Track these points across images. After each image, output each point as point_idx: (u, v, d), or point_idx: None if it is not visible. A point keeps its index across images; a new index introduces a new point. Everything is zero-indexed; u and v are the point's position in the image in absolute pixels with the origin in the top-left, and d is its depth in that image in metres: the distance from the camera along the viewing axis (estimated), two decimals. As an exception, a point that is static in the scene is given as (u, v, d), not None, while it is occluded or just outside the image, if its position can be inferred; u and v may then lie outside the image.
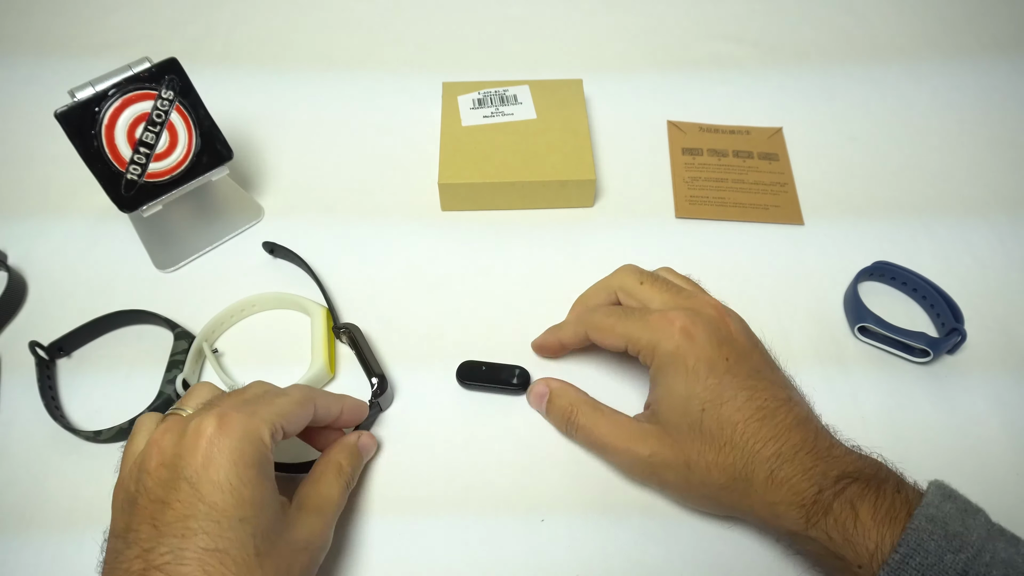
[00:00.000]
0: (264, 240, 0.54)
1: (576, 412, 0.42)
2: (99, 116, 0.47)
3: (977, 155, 0.61)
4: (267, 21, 0.71)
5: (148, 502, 0.32)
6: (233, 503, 0.32)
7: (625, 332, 0.41)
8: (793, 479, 0.36)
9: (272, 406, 0.36)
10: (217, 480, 0.32)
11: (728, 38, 0.70)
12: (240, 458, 0.33)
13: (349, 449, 0.41)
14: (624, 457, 0.40)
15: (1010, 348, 0.49)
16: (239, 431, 0.33)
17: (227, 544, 0.31)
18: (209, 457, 0.32)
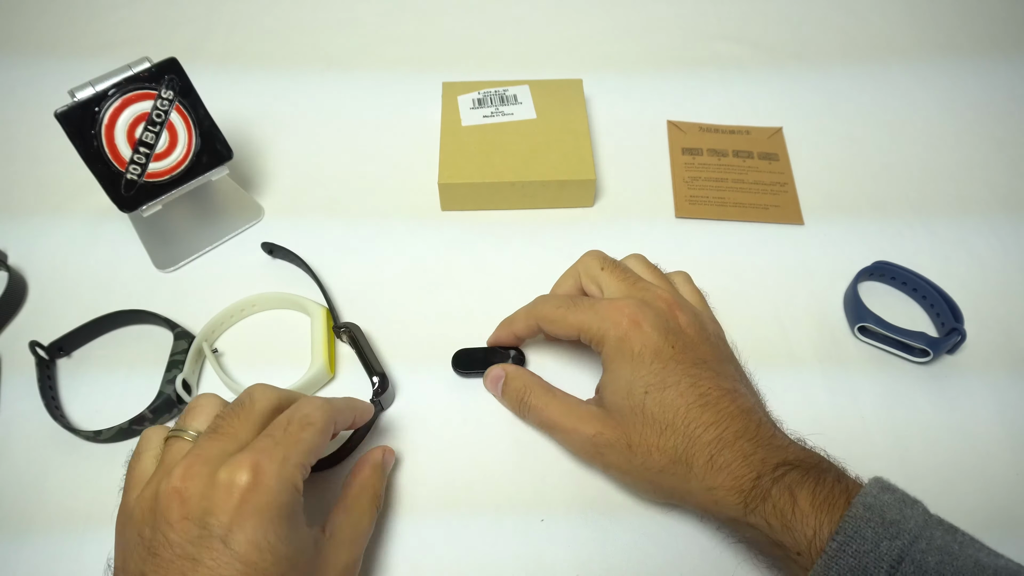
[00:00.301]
0: (264, 240, 0.54)
1: (529, 393, 0.43)
2: (99, 116, 0.47)
3: (977, 155, 0.61)
4: (267, 21, 0.71)
5: (175, 557, 0.30)
6: (271, 561, 0.31)
7: (576, 322, 0.42)
8: (732, 464, 0.36)
9: (300, 444, 0.34)
10: (254, 540, 0.30)
11: (728, 38, 0.70)
12: (277, 514, 0.31)
13: (378, 472, 0.41)
14: (571, 436, 0.41)
15: (1010, 348, 0.49)
16: (274, 485, 0.32)
17: None
18: (243, 515, 0.31)
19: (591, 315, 0.41)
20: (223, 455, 0.32)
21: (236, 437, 0.34)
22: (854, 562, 0.31)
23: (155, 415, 0.45)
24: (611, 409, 0.40)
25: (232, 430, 0.34)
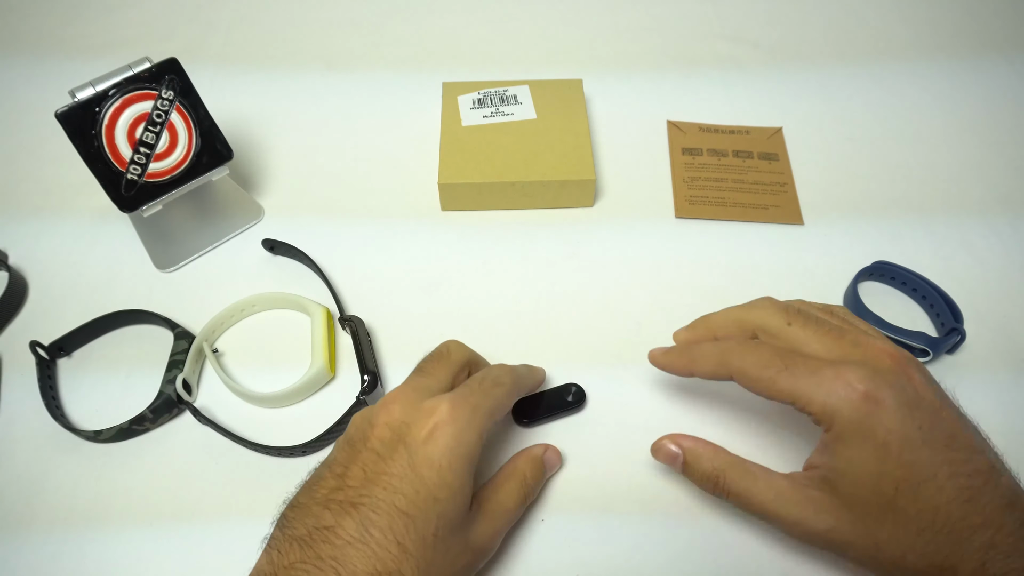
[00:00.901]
0: (264, 239, 0.54)
1: (724, 478, 0.38)
2: (99, 116, 0.47)
3: (977, 155, 0.61)
4: (267, 21, 0.71)
5: (367, 451, 0.35)
6: (436, 481, 0.34)
7: (790, 390, 0.35)
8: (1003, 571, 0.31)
9: (490, 399, 0.38)
10: (431, 457, 0.34)
11: (728, 38, 0.70)
12: (457, 446, 0.35)
13: (535, 462, 0.42)
14: (794, 529, 0.36)
15: (1010, 348, 0.49)
16: (464, 424, 0.35)
17: (417, 512, 0.33)
18: (432, 435, 0.35)
19: (812, 385, 0.34)
20: (427, 390, 0.38)
21: (438, 378, 0.39)
22: None
23: (155, 415, 0.45)
24: (848, 503, 0.34)
25: (434, 372, 0.40)
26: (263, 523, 0.42)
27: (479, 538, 0.37)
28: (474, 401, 0.37)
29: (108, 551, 0.42)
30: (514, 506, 0.39)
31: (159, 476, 0.44)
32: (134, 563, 0.41)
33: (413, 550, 0.33)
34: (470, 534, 0.36)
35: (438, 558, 0.34)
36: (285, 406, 0.47)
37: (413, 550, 0.33)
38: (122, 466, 0.45)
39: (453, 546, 0.35)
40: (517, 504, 0.40)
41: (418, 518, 0.33)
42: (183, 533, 0.42)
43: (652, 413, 0.46)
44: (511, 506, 0.39)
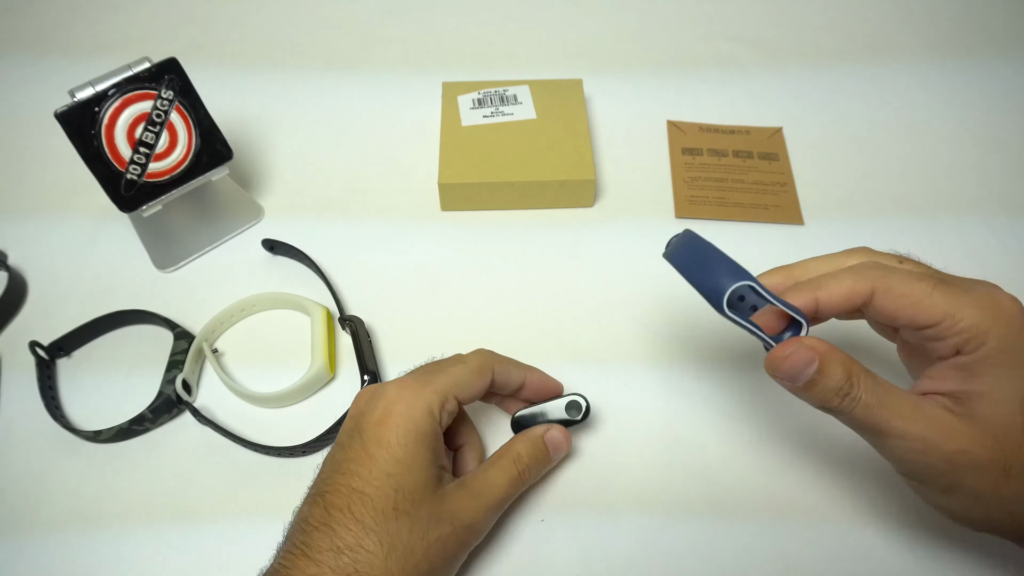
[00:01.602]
0: (263, 239, 0.54)
1: (860, 385, 0.33)
2: (99, 116, 0.47)
3: (977, 155, 0.61)
4: (267, 21, 0.71)
5: (336, 445, 0.38)
6: (386, 458, 0.35)
7: (947, 306, 0.32)
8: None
9: (446, 375, 0.38)
10: (380, 437, 0.36)
11: (728, 38, 0.70)
12: (404, 423, 0.36)
13: (532, 440, 0.41)
14: (916, 446, 0.32)
15: (1010, 348, 0.49)
16: (410, 399, 0.37)
17: (372, 490, 0.35)
18: (381, 418, 0.37)
19: (969, 302, 0.32)
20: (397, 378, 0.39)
21: (429, 371, 0.39)
22: None
23: (155, 415, 0.45)
24: (987, 423, 0.32)
25: (430, 368, 0.40)
26: (263, 523, 0.42)
27: (461, 513, 0.37)
28: (425, 379, 0.38)
29: (108, 551, 0.42)
30: (504, 483, 0.39)
31: (159, 476, 0.44)
32: (134, 563, 0.41)
33: (373, 525, 0.34)
34: (445, 507, 0.36)
35: (403, 530, 0.34)
36: (285, 406, 0.47)
37: (373, 525, 0.34)
38: (122, 466, 0.45)
39: (421, 517, 0.35)
40: (507, 481, 0.39)
41: (374, 495, 0.35)
42: (183, 533, 0.42)
43: (654, 412, 0.46)
44: (500, 482, 0.39)
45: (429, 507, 0.36)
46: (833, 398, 0.33)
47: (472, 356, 0.41)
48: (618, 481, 0.44)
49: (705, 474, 0.44)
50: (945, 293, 0.33)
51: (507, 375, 0.41)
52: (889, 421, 0.32)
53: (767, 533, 0.42)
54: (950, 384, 0.33)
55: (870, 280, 0.34)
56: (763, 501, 0.43)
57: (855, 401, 0.33)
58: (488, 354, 0.42)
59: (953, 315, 0.32)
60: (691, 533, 0.42)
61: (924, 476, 0.34)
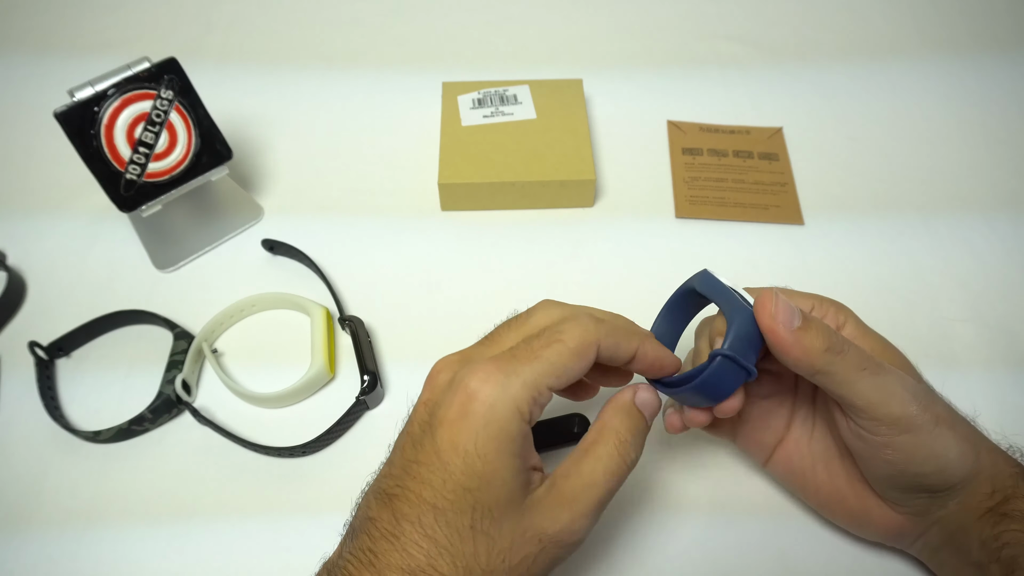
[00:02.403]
0: (263, 239, 0.54)
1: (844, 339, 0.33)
2: (98, 116, 0.46)
3: (977, 153, 0.61)
4: (266, 20, 0.71)
5: (406, 435, 0.33)
6: (462, 469, 0.30)
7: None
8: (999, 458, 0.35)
9: (537, 361, 0.31)
10: (456, 442, 0.30)
11: (728, 38, 0.69)
12: (483, 428, 0.30)
13: (625, 410, 0.34)
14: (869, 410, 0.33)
15: (1011, 347, 0.49)
16: (492, 398, 0.30)
17: (446, 505, 0.30)
18: (458, 417, 0.31)
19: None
20: (481, 359, 0.32)
21: (501, 346, 0.33)
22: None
23: (155, 415, 0.45)
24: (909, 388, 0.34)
25: (500, 339, 0.34)
26: (263, 523, 0.42)
27: (551, 525, 0.31)
28: (512, 367, 0.31)
29: (107, 552, 0.41)
30: (604, 477, 0.32)
31: (158, 477, 0.44)
32: (134, 563, 0.41)
33: (447, 544, 0.30)
34: (533, 522, 0.31)
35: (481, 552, 0.30)
36: (285, 406, 0.47)
37: (447, 544, 0.30)
38: (121, 467, 0.45)
39: (502, 538, 0.30)
40: (609, 473, 0.32)
41: (448, 510, 0.30)
42: (183, 533, 0.42)
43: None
44: (599, 478, 0.32)
45: (512, 524, 0.31)
46: (815, 359, 0.33)
47: (572, 328, 0.32)
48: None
49: (705, 472, 0.44)
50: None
51: (615, 348, 0.33)
52: (855, 384, 0.33)
53: (770, 531, 0.42)
54: None
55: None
56: (764, 500, 0.43)
57: (840, 351, 0.33)
58: (591, 324, 0.33)
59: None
60: (693, 530, 0.42)
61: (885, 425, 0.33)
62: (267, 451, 0.44)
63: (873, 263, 0.54)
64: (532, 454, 0.32)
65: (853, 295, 0.52)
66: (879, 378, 0.33)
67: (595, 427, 0.34)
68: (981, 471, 0.34)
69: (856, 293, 0.52)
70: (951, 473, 0.34)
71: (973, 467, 0.34)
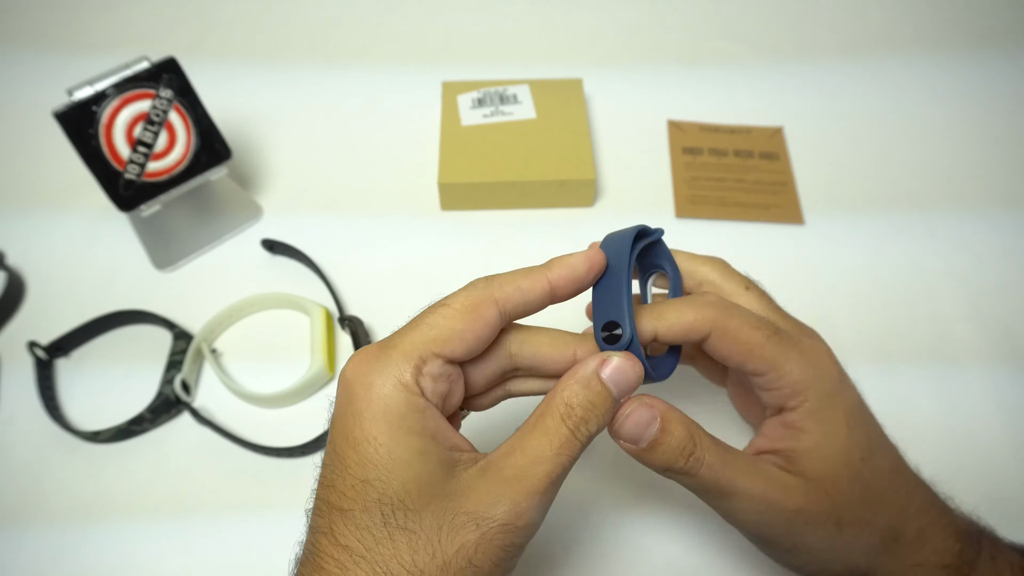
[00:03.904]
0: (263, 239, 0.54)
1: (700, 447, 0.31)
2: (97, 116, 0.46)
3: (977, 151, 0.61)
4: (266, 20, 0.71)
5: None
6: (357, 460, 0.27)
7: (775, 358, 0.32)
8: (938, 537, 0.32)
9: (419, 329, 0.29)
10: (347, 433, 0.28)
11: (729, 37, 0.69)
12: (367, 409, 0.27)
13: (583, 381, 0.29)
14: (758, 507, 0.31)
15: (1011, 346, 0.49)
16: (368, 379, 0.28)
17: (351, 504, 0.27)
18: (344, 408, 0.28)
19: (794, 356, 0.32)
20: None
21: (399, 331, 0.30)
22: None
23: (154, 416, 0.45)
24: (818, 480, 0.31)
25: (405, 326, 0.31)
26: (262, 523, 0.42)
27: (490, 508, 0.27)
28: (390, 343, 0.29)
29: (107, 552, 0.41)
30: (550, 451, 0.28)
31: (158, 477, 0.44)
32: (133, 563, 0.41)
33: (363, 551, 0.26)
34: (465, 506, 0.27)
35: (403, 551, 0.26)
36: (284, 406, 0.47)
37: (363, 551, 0.26)
38: (121, 467, 0.45)
39: (425, 530, 0.27)
40: (554, 448, 0.28)
41: (355, 511, 0.27)
42: (182, 533, 0.42)
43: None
44: (544, 452, 0.28)
45: (436, 513, 0.27)
46: (678, 458, 0.30)
47: (458, 293, 0.30)
48: (617, 480, 0.44)
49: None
50: (776, 344, 0.32)
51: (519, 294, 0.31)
52: (734, 481, 0.31)
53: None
54: (780, 442, 0.33)
55: (709, 321, 0.32)
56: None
57: (699, 461, 0.30)
58: (481, 283, 0.30)
59: (779, 368, 0.32)
60: (694, 530, 0.42)
61: (768, 536, 0.33)
62: (267, 451, 0.44)
63: (873, 262, 0.54)
64: (448, 433, 0.29)
65: (853, 294, 0.52)
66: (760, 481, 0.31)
67: (546, 398, 0.30)
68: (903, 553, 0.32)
69: (856, 292, 0.52)
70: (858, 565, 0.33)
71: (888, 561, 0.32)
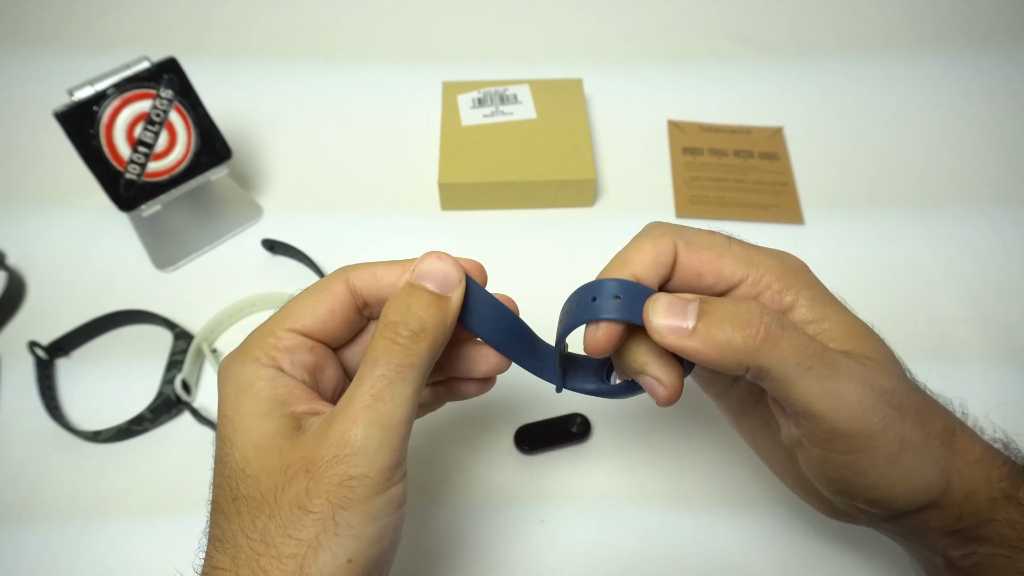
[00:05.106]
0: (263, 239, 0.54)
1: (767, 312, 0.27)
2: (98, 115, 0.46)
3: (977, 150, 0.61)
4: (266, 20, 0.71)
5: None
6: (218, 445, 0.27)
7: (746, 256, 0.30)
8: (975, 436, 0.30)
9: (274, 315, 0.29)
10: (217, 425, 0.28)
11: (729, 37, 0.69)
12: (223, 389, 0.28)
13: (396, 294, 0.28)
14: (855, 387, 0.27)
15: (1011, 345, 0.49)
16: (229, 363, 0.28)
17: (215, 494, 0.27)
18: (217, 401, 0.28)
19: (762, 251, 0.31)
20: None
21: None
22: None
23: (154, 415, 0.45)
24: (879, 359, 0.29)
25: None
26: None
27: (319, 447, 0.25)
28: (249, 337, 0.29)
29: (107, 551, 0.41)
30: (369, 369, 0.26)
31: (158, 477, 0.44)
32: (134, 563, 0.41)
33: (220, 534, 0.25)
34: (300, 455, 0.25)
35: (247, 519, 0.25)
36: (285, 406, 0.47)
37: (220, 534, 0.25)
38: (121, 467, 0.45)
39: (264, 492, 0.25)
40: (373, 363, 0.26)
41: (218, 498, 0.26)
42: (182, 533, 0.42)
43: (655, 409, 0.46)
44: (365, 372, 0.26)
45: (272, 471, 0.25)
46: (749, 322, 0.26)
47: (317, 284, 0.30)
48: (617, 481, 0.44)
49: (707, 469, 0.44)
50: (740, 244, 0.30)
51: (374, 279, 0.29)
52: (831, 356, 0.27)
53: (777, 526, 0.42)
54: None
55: (669, 237, 0.29)
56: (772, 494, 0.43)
57: (780, 324, 0.27)
58: (340, 268, 0.30)
59: (757, 265, 0.29)
60: (695, 530, 0.42)
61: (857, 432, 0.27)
62: (267, 451, 0.44)
63: (873, 262, 0.54)
64: (302, 399, 0.27)
65: (853, 294, 0.52)
66: (830, 382, 0.26)
67: None
68: (948, 499, 0.29)
69: (856, 292, 0.52)
70: (905, 502, 0.29)
71: (936, 497, 0.29)
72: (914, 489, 0.28)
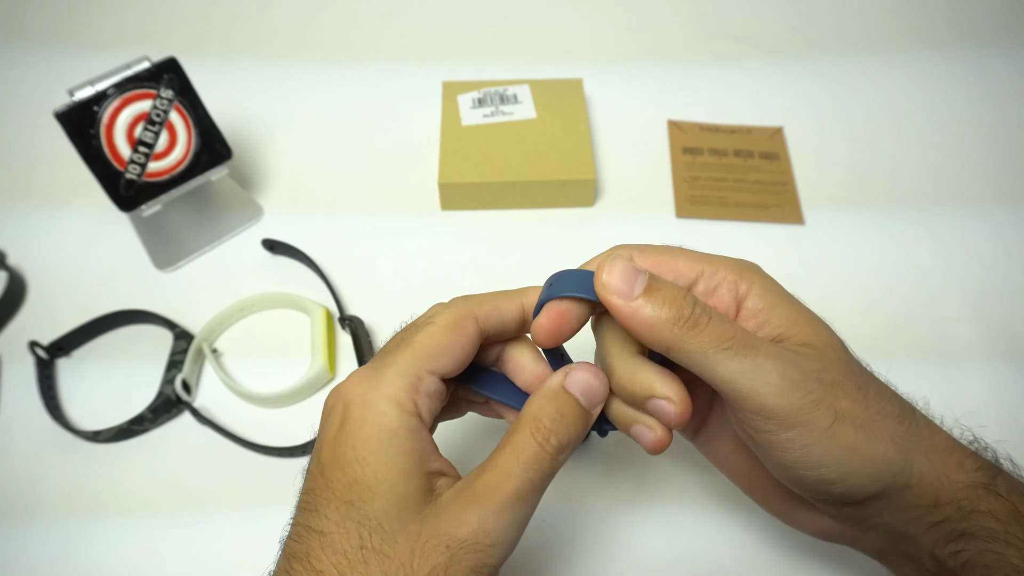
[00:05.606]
0: (263, 239, 0.54)
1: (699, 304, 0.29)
2: (98, 115, 0.47)
3: (977, 150, 0.61)
4: (266, 20, 0.71)
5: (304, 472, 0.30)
6: (344, 481, 0.27)
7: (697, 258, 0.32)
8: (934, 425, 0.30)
9: (411, 347, 0.29)
10: (337, 456, 0.28)
11: (729, 37, 0.69)
12: (360, 429, 0.28)
13: (548, 394, 0.29)
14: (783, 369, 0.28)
15: (1010, 345, 0.49)
16: (363, 398, 0.28)
17: (331, 527, 0.27)
18: (337, 432, 0.28)
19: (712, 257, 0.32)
20: None
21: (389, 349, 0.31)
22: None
23: (155, 415, 0.45)
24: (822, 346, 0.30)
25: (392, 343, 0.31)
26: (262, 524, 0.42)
27: (459, 528, 0.27)
28: (383, 362, 0.29)
29: (107, 552, 0.42)
30: (518, 467, 0.28)
31: (158, 477, 0.44)
32: (133, 563, 0.41)
33: (335, 574, 0.26)
34: (437, 528, 0.27)
35: (376, 573, 0.26)
36: (285, 406, 0.47)
37: (335, 574, 0.26)
38: (121, 466, 0.45)
39: (399, 554, 0.26)
40: (523, 463, 0.28)
41: (334, 533, 0.27)
42: (182, 533, 0.42)
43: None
44: (512, 468, 0.28)
45: (411, 537, 0.27)
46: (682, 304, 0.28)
47: (441, 310, 0.31)
48: (617, 480, 0.44)
49: (707, 468, 0.44)
50: (692, 250, 0.32)
51: (497, 313, 0.31)
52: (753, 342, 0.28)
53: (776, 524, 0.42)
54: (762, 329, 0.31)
55: (626, 249, 0.32)
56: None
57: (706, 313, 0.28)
58: (460, 301, 0.31)
59: (711, 261, 0.31)
60: (695, 530, 0.42)
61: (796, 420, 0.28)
62: (267, 451, 0.44)
63: (873, 262, 0.54)
64: (433, 456, 0.29)
65: (853, 294, 0.52)
66: (748, 360, 0.28)
67: (517, 417, 0.30)
68: (916, 480, 0.29)
69: (856, 292, 0.52)
70: (861, 482, 0.28)
71: (897, 476, 0.28)
72: (865, 461, 0.28)
